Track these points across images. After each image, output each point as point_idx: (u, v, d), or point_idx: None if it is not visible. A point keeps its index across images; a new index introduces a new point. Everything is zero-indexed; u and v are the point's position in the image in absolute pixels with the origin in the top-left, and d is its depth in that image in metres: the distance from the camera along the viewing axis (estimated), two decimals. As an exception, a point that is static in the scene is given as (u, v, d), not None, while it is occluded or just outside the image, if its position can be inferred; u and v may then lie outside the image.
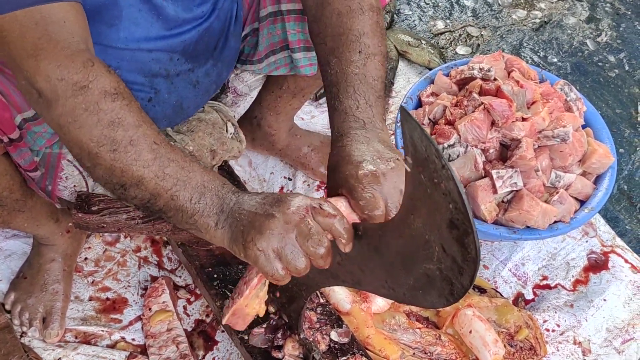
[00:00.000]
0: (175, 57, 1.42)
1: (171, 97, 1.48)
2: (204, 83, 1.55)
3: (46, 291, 1.75)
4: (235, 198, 1.12)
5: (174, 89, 1.47)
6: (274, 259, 1.07)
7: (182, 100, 1.52)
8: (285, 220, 1.06)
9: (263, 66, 1.74)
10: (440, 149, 1.21)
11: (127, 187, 1.10)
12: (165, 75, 1.43)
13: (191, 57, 1.46)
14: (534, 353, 1.76)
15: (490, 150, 1.82)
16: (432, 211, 0.90)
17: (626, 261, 2.04)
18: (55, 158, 1.53)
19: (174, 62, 1.42)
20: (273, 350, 1.57)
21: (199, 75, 1.52)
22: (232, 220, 1.10)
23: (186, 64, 1.46)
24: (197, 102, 1.60)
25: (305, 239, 1.05)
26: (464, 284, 0.92)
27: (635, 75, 2.63)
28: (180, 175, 1.10)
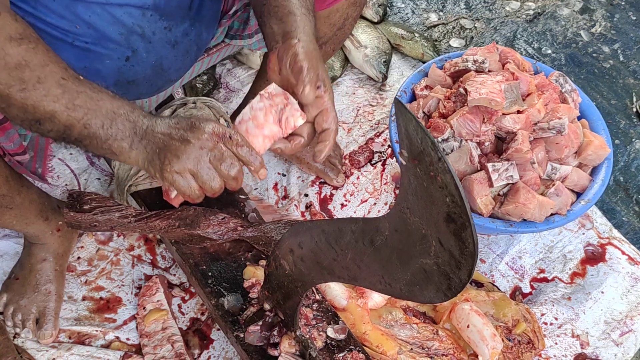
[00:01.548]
0: (148, 13, 1.40)
1: (150, 56, 1.48)
2: (182, 43, 1.53)
3: (38, 292, 1.73)
4: (147, 121, 1.21)
5: (152, 48, 1.46)
6: (190, 179, 1.22)
7: (161, 60, 1.51)
8: (200, 146, 1.19)
9: (253, 41, 1.73)
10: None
11: (41, 122, 1.16)
12: (141, 33, 1.42)
13: (165, 15, 1.44)
14: (532, 347, 1.75)
15: (486, 144, 1.81)
16: (428, 205, 0.88)
17: (623, 253, 2.03)
18: (43, 140, 1.54)
19: (148, 19, 1.41)
20: (269, 348, 1.56)
21: (177, 34, 1.50)
22: (147, 143, 1.20)
23: (161, 21, 1.44)
24: (178, 64, 1.58)
25: (219, 162, 1.21)
26: (462, 279, 0.90)
27: (630, 65, 2.62)
28: (90, 104, 1.16)
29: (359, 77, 2.43)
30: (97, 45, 1.39)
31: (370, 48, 2.41)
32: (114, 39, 1.39)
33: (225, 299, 1.65)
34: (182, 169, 1.20)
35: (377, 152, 2.21)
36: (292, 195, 2.07)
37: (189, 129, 1.20)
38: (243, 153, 1.24)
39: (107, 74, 1.45)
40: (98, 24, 1.35)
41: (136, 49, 1.44)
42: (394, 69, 2.48)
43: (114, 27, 1.37)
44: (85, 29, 1.35)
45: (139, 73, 1.49)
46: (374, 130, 2.27)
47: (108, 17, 1.35)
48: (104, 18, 1.35)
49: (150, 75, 1.52)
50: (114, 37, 1.39)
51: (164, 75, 1.56)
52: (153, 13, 1.42)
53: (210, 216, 1.70)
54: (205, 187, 1.23)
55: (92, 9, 1.33)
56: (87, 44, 1.37)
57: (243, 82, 2.32)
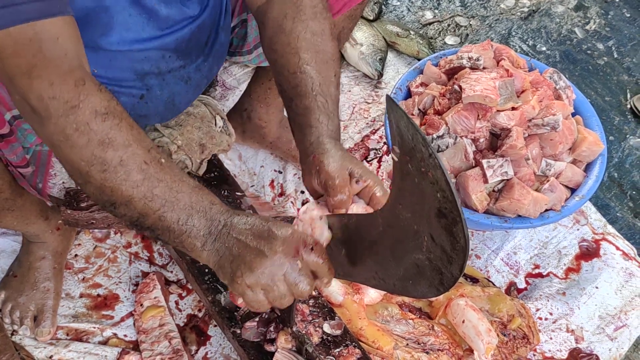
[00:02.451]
0: (167, 54, 1.42)
1: (163, 93, 1.48)
2: (195, 78, 1.55)
3: (37, 289, 1.74)
4: (224, 220, 1.11)
5: (165, 85, 1.47)
6: (260, 293, 1.09)
7: (174, 97, 1.52)
8: (275, 261, 1.07)
9: (252, 57, 1.74)
10: (430, 140, 1.22)
11: (116, 206, 1.11)
12: (157, 72, 1.43)
13: (183, 54, 1.46)
14: (527, 341, 1.76)
15: (481, 140, 1.82)
16: (420, 201, 0.89)
17: (617, 248, 2.04)
18: (45, 155, 1.53)
19: (166, 60, 1.43)
20: (266, 344, 1.57)
21: (190, 71, 1.51)
22: (220, 246, 1.11)
23: (178, 60, 1.46)
24: (189, 98, 1.61)
25: (294, 282, 1.08)
26: (453, 274, 0.91)
27: (624, 62, 2.63)
28: (169, 196, 1.09)
29: (355, 75, 2.44)
30: (113, 85, 1.38)
31: (366, 46, 2.41)
32: (130, 79, 1.40)
33: (222, 296, 1.66)
34: (254, 284, 1.08)
35: (373, 149, 2.22)
36: (288, 192, 2.08)
37: (266, 237, 1.08)
38: (322, 267, 1.11)
39: None
40: (117, 67, 1.35)
41: (150, 87, 1.44)
42: (389, 67, 2.48)
43: (132, 70, 1.39)
44: (103, 73, 1.35)
45: (151, 109, 1.50)
46: (369, 127, 2.28)
47: (128, 62, 1.36)
48: (123, 63, 1.36)
49: (162, 110, 1.53)
50: (131, 77, 1.40)
51: (175, 109, 1.57)
52: (172, 55, 1.42)
53: (207, 213, 1.70)
54: (275, 303, 1.11)
55: (113, 55, 1.33)
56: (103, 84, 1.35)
57: (239, 80, 2.33)
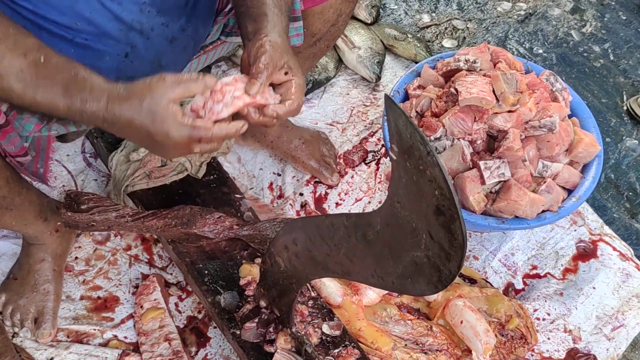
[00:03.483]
0: (146, 8, 1.42)
1: (148, 52, 1.50)
2: (180, 39, 1.55)
3: (37, 291, 1.75)
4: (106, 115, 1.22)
5: (150, 44, 1.48)
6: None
7: (160, 57, 1.53)
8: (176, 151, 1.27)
9: None
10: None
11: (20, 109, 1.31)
12: (139, 29, 1.44)
13: (163, 11, 1.46)
14: (525, 342, 1.77)
15: (478, 142, 1.83)
16: (418, 198, 0.90)
17: (614, 249, 2.05)
18: (45, 141, 1.55)
19: (146, 15, 1.43)
20: (265, 345, 1.58)
21: (174, 30, 1.52)
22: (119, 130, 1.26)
23: (158, 17, 1.46)
24: (176, 60, 1.60)
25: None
26: (451, 270, 0.92)
27: (620, 64, 2.64)
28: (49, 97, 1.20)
29: (353, 78, 2.45)
30: (97, 42, 1.40)
31: (364, 49, 2.43)
32: (113, 36, 1.41)
33: (222, 297, 1.67)
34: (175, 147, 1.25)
35: (371, 152, 2.24)
36: (287, 194, 2.09)
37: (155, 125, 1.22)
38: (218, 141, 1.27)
39: (107, 71, 1.45)
40: (98, 21, 1.37)
41: (135, 45, 1.46)
42: (387, 70, 2.50)
43: (114, 24, 1.39)
44: (86, 26, 1.37)
45: (138, 69, 1.50)
46: (367, 130, 2.29)
47: (107, 14, 1.37)
48: (103, 14, 1.37)
49: (149, 71, 1.52)
50: (114, 34, 1.41)
51: (162, 71, 1.56)
52: (151, 9, 1.43)
53: (207, 215, 1.72)
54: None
55: (92, 5, 1.34)
56: (87, 41, 1.39)
57: (238, 83, 2.34)
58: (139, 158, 1.80)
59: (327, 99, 2.36)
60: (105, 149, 1.90)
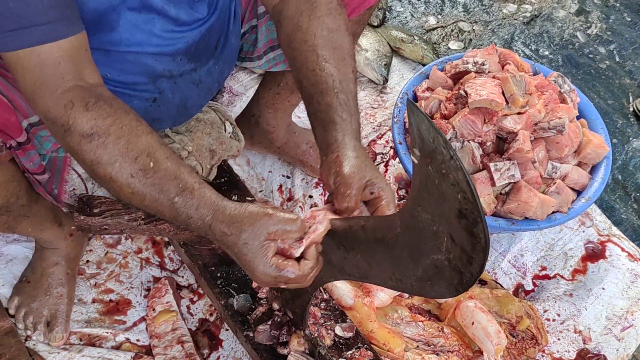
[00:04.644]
0: (178, 57, 1.45)
1: (175, 97, 1.51)
2: (206, 82, 1.57)
3: (50, 295, 1.75)
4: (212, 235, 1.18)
5: (177, 89, 1.50)
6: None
7: (186, 100, 1.55)
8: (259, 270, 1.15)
9: (262, 62, 1.76)
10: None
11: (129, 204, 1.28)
12: (169, 76, 1.46)
13: (193, 57, 1.49)
14: (536, 342, 1.78)
15: (487, 144, 1.84)
16: (440, 202, 0.91)
17: (623, 250, 2.06)
18: (61, 162, 1.55)
19: (177, 63, 1.46)
20: (278, 347, 1.58)
21: (202, 74, 1.54)
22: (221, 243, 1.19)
23: (189, 64, 1.48)
24: (200, 101, 1.63)
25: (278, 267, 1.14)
26: (473, 273, 0.93)
27: (626, 66, 2.65)
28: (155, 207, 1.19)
29: (360, 80, 2.45)
30: (125, 89, 1.42)
31: (371, 51, 2.43)
32: (142, 82, 1.43)
33: (235, 299, 1.67)
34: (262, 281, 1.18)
35: (380, 154, 2.24)
36: (297, 197, 2.10)
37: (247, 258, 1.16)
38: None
39: None
40: (129, 71, 1.39)
41: (162, 90, 1.48)
42: (394, 72, 2.50)
43: (144, 73, 1.42)
44: (116, 76, 1.39)
45: (164, 113, 1.53)
46: (375, 132, 2.29)
47: (139, 65, 1.40)
48: (135, 66, 1.39)
49: (175, 114, 1.57)
50: (143, 81, 1.43)
51: (187, 112, 1.61)
52: (183, 57, 1.46)
53: (219, 218, 1.72)
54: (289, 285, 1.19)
55: (125, 57, 1.37)
56: (116, 88, 1.41)
57: (246, 87, 2.34)
58: (150, 161, 1.80)
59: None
60: (116, 153, 1.90)
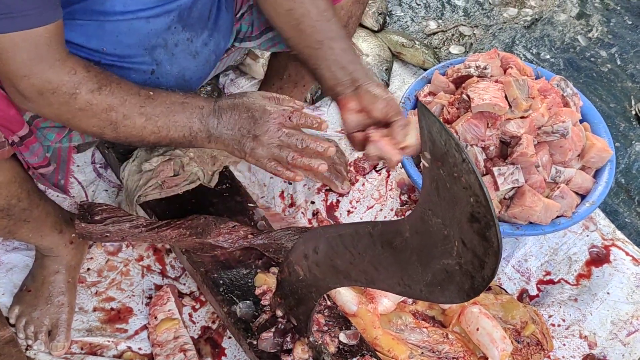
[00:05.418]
0: (173, 25, 1.46)
1: (173, 68, 1.53)
2: (203, 53, 1.58)
3: (51, 303, 1.74)
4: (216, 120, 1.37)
5: (175, 60, 1.51)
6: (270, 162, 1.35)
7: (184, 71, 1.56)
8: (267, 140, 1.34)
9: (261, 41, 1.75)
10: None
11: (134, 143, 1.42)
12: (164, 45, 1.47)
13: (187, 26, 1.49)
14: (541, 348, 1.76)
15: (491, 148, 1.83)
16: (451, 205, 0.90)
17: (627, 254, 2.05)
18: (65, 152, 1.56)
19: (172, 31, 1.46)
20: (282, 354, 1.57)
21: (197, 45, 1.55)
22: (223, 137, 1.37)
23: (183, 32, 1.49)
24: (199, 73, 1.62)
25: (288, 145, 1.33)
26: (485, 278, 0.92)
27: (628, 69, 2.65)
28: (169, 122, 1.35)
29: (361, 85, 2.44)
30: (122, 62, 1.43)
31: (372, 56, 2.43)
32: (139, 54, 1.44)
33: (238, 307, 1.66)
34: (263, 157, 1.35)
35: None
36: (298, 202, 2.08)
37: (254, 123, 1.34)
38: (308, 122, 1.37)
39: None
40: (125, 42, 1.40)
41: (160, 61, 1.49)
42: (395, 77, 2.49)
43: (140, 43, 1.42)
44: (112, 49, 1.40)
45: (163, 84, 1.52)
46: (377, 137, 2.28)
47: (134, 34, 1.40)
48: (130, 35, 1.40)
49: (174, 86, 1.56)
50: (140, 53, 1.44)
51: (187, 85, 1.60)
52: (177, 25, 1.46)
53: (221, 224, 1.71)
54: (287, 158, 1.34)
55: (119, 28, 1.38)
56: (114, 62, 1.42)
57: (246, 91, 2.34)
58: (151, 168, 1.79)
59: (336, 107, 2.35)
60: (116, 159, 1.89)
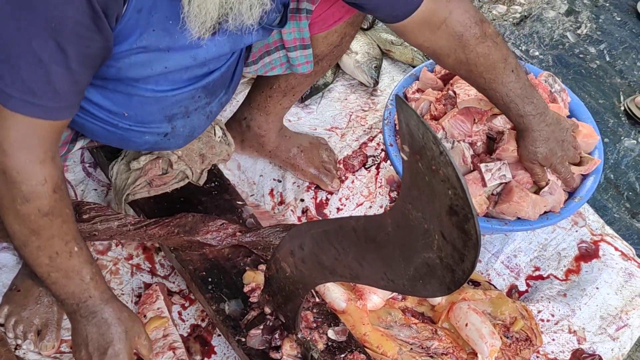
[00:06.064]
0: (197, 95, 1.47)
1: (185, 129, 1.55)
2: (216, 112, 1.61)
3: (41, 303, 1.73)
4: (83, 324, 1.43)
5: (189, 122, 1.53)
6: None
7: (194, 130, 1.58)
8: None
9: (258, 67, 1.76)
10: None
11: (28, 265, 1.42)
12: (185, 112, 1.49)
13: (210, 93, 1.51)
14: (530, 343, 1.77)
15: (478, 144, 1.83)
16: (431, 199, 0.90)
17: (616, 249, 2.06)
18: None
19: (195, 100, 1.48)
20: (271, 351, 1.57)
21: (213, 106, 1.57)
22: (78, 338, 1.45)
23: (205, 99, 1.51)
24: (206, 127, 1.65)
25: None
26: (465, 270, 0.92)
27: (616, 65, 2.65)
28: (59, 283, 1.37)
29: (351, 83, 2.45)
30: (140, 127, 1.46)
31: (361, 54, 2.43)
32: (158, 121, 1.47)
33: (226, 304, 1.66)
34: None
35: (371, 156, 2.23)
36: (288, 200, 2.09)
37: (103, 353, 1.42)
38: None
39: (142, 144, 1.54)
40: (147, 111, 1.43)
41: (175, 126, 1.51)
42: (384, 74, 2.50)
43: (162, 112, 1.45)
44: (133, 115, 1.43)
45: (173, 144, 1.58)
46: (367, 134, 2.29)
47: (159, 107, 1.43)
48: (154, 105, 1.42)
49: (182, 143, 1.61)
50: (159, 119, 1.47)
51: (192, 139, 1.64)
52: (201, 94, 1.48)
53: (209, 222, 1.71)
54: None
55: (147, 100, 1.40)
56: (131, 127, 1.45)
57: (237, 91, 2.33)
58: (140, 167, 1.79)
59: (326, 105, 2.36)
60: (105, 158, 1.89)
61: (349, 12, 1.68)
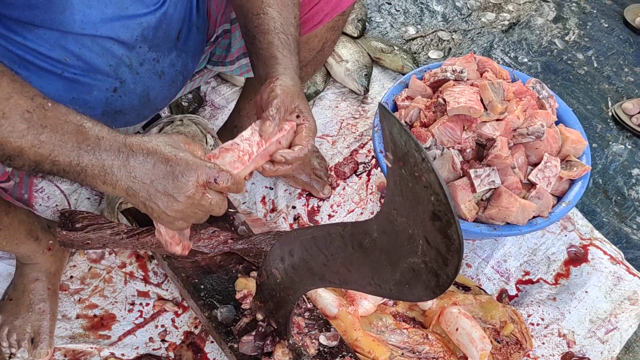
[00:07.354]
0: (138, 45, 1.44)
1: (137, 87, 1.51)
2: (169, 74, 1.57)
3: (32, 311, 1.75)
4: (119, 161, 1.14)
5: (139, 79, 1.49)
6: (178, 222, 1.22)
7: (148, 91, 1.54)
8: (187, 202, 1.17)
9: (234, 68, 1.77)
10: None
11: (11, 158, 1.10)
12: (129, 64, 1.45)
13: (153, 46, 1.48)
14: (520, 347, 1.78)
15: (467, 150, 1.85)
16: (414, 205, 0.92)
17: (605, 253, 2.08)
18: None
19: (137, 51, 1.45)
20: (263, 357, 1.58)
21: (164, 65, 1.54)
22: (127, 187, 1.15)
23: (150, 52, 1.48)
24: (164, 94, 1.61)
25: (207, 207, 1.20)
26: (449, 275, 0.94)
27: (604, 71, 2.68)
28: (55, 140, 1.10)
29: (341, 91, 2.47)
30: (85, 76, 1.42)
31: (351, 62, 2.45)
32: (102, 71, 1.42)
33: (218, 311, 1.67)
34: (172, 220, 1.21)
35: (362, 163, 2.25)
36: (280, 207, 2.10)
37: (172, 180, 1.15)
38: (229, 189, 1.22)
39: (94, 104, 1.47)
40: (87, 56, 1.38)
41: (124, 80, 1.47)
42: (375, 82, 2.52)
43: (103, 59, 1.41)
44: (75, 61, 1.38)
45: (126, 103, 1.52)
46: (357, 141, 2.31)
47: (98, 49, 1.39)
48: (93, 50, 1.38)
49: (137, 105, 1.55)
50: (103, 69, 1.42)
51: (150, 104, 1.59)
52: (142, 45, 1.45)
53: (201, 230, 1.73)
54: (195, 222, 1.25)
55: (82, 41, 1.36)
56: (76, 75, 1.40)
57: (228, 100, 2.36)
58: (132, 175, 1.80)
59: (317, 113, 2.38)
60: (97, 168, 1.89)
61: (329, 16, 1.69)
